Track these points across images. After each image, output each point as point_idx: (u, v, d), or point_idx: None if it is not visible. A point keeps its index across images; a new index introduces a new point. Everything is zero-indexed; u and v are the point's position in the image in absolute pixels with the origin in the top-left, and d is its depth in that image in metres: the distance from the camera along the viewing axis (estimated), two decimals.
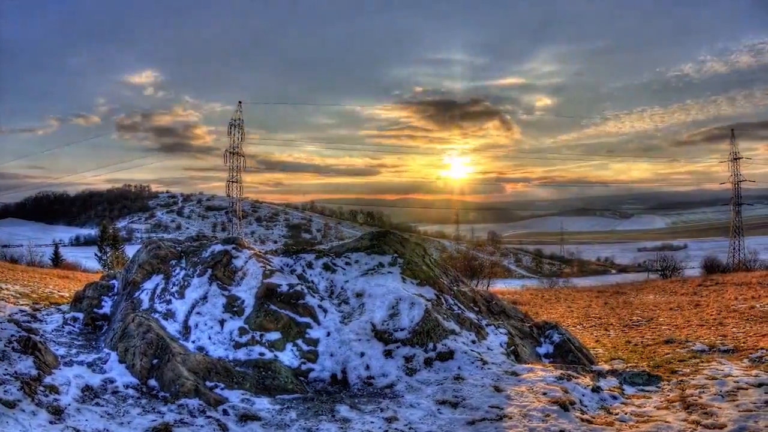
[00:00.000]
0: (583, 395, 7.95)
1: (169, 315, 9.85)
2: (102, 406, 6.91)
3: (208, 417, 6.96)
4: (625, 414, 7.30)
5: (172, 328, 9.46)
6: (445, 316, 10.32)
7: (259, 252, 12.29)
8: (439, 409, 7.55)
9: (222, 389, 7.88)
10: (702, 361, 10.33)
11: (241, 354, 9.09)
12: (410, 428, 6.95)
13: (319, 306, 10.39)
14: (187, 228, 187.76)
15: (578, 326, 17.37)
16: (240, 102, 66.96)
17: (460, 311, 10.86)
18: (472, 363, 9.00)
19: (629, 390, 8.67)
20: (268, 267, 11.33)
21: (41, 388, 6.73)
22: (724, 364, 9.79)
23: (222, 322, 9.78)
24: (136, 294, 10.69)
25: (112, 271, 17.34)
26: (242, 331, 9.59)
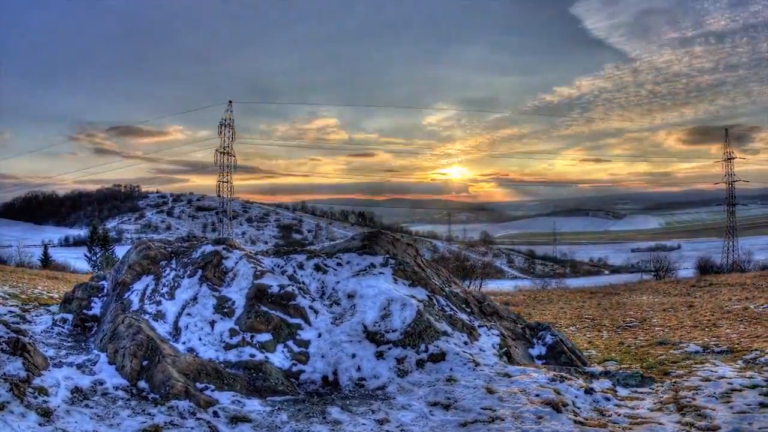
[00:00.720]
0: (576, 397, 7.92)
1: (159, 316, 9.76)
2: (91, 407, 6.82)
3: (198, 419, 6.88)
4: (619, 416, 7.28)
5: (162, 329, 9.36)
6: (437, 317, 10.27)
7: (250, 253, 12.21)
8: (431, 411, 7.49)
9: (212, 391, 7.79)
10: (696, 363, 10.34)
11: (231, 355, 9.00)
12: (402, 430, 6.89)
13: (310, 307, 10.32)
14: (178, 228, 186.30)
15: (571, 327, 17.39)
16: (230, 101, 66.76)
17: (452, 312, 10.81)
18: (465, 364, 8.96)
19: (622, 392, 8.65)
20: (259, 268, 11.25)
21: (30, 390, 6.63)
22: (718, 366, 9.80)
23: (212, 324, 9.69)
24: (126, 295, 10.59)
25: (101, 272, 17.25)
26: (233, 333, 9.50)
